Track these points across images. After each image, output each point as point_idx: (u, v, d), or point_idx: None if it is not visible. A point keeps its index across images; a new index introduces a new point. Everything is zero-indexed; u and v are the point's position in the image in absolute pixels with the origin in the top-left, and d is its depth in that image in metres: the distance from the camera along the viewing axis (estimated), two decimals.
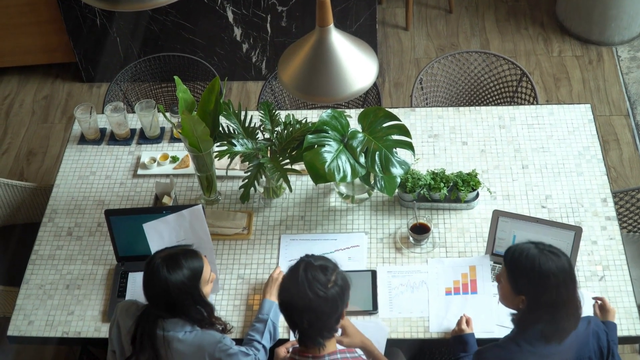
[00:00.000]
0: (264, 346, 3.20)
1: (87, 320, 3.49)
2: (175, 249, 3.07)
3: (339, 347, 2.80)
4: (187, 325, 3.03)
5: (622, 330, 3.31)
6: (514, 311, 2.92)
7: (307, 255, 2.77)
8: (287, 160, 3.56)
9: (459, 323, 3.27)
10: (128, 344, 3.08)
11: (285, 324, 3.16)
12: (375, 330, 3.33)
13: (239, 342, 3.27)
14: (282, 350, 3.23)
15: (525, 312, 2.83)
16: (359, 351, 2.88)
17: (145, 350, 3.01)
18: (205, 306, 3.06)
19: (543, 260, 2.75)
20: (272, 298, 3.33)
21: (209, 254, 3.42)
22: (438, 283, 3.49)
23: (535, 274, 2.75)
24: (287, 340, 3.32)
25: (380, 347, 3.28)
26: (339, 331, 2.94)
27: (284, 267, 3.56)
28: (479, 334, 3.26)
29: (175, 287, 2.94)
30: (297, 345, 2.79)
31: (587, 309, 3.26)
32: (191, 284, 2.99)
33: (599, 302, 3.25)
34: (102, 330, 3.43)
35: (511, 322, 2.92)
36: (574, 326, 2.80)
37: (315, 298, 2.63)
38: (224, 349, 3.04)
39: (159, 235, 3.42)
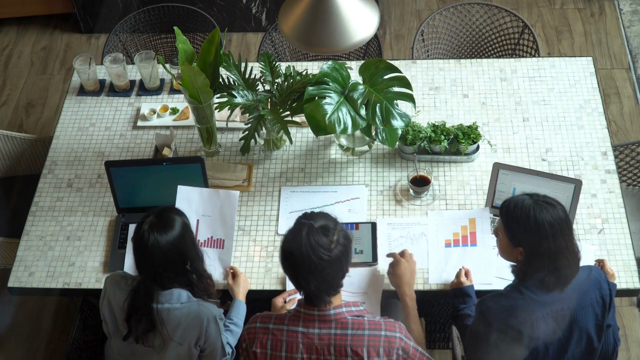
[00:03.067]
0: (233, 351, 3.20)
1: (88, 271, 3.50)
2: (159, 208, 3.01)
3: (344, 300, 2.81)
4: (182, 295, 3.01)
5: (621, 283, 3.33)
6: (514, 263, 2.93)
7: (306, 216, 2.72)
8: (288, 112, 3.55)
9: (458, 275, 3.29)
10: (122, 319, 3.07)
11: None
12: (372, 280, 3.34)
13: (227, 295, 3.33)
14: (279, 301, 3.25)
15: (524, 263, 2.84)
16: (362, 305, 2.89)
17: (141, 324, 3.00)
18: (197, 260, 3.05)
19: (538, 210, 2.75)
20: (244, 297, 3.32)
21: (227, 241, 3.44)
22: (437, 235, 3.49)
23: (531, 224, 2.75)
24: (282, 290, 3.35)
25: (377, 295, 3.30)
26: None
27: (283, 220, 3.58)
28: (477, 286, 3.28)
29: (169, 244, 2.90)
30: (302, 299, 2.79)
31: (587, 261, 3.28)
32: (183, 240, 2.95)
33: (600, 264, 3.26)
34: (103, 281, 3.44)
35: (511, 274, 2.94)
36: (573, 274, 2.82)
37: (320, 262, 2.61)
38: (218, 328, 3.06)
39: (188, 201, 3.45)
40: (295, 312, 2.78)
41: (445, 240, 3.47)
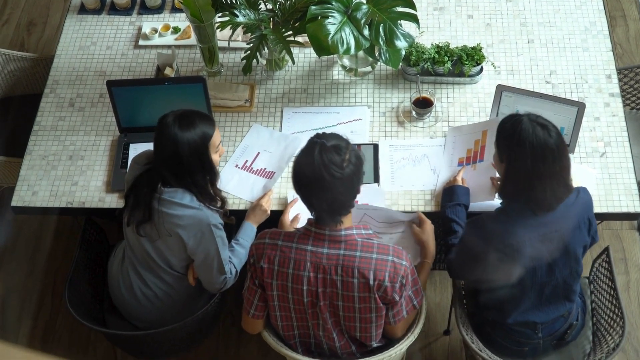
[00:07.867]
0: (237, 272, 3.21)
1: (90, 190, 3.51)
2: (188, 110, 3.04)
3: (354, 222, 2.81)
4: (185, 196, 3.03)
5: (622, 207, 3.35)
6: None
7: (318, 135, 2.72)
8: (290, 32, 3.52)
9: (456, 174, 3.32)
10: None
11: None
12: (374, 194, 3.34)
13: (233, 212, 3.34)
14: (286, 218, 3.29)
15: (504, 179, 2.86)
16: (372, 229, 2.89)
17: (139, 208, 3.04)
18: (210, 171, 3.06)
19: (525, 128, 2.74)
20: (255, 223, 3.34)
21: (277, 173, 3.48)
22: (453, 153, 3.48)
23: (514, 140, 2.76)
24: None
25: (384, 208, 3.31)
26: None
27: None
28: (478, 207, 3.30)
29: (185, 144, 2.93)
30: (312, 218, 2.81)
31: (590, 184, 3.29)
32: (202, 143, 2.97)
33: None
34: (106, 201, 3.47)
35: (498, 196, 2.96)
36: (559, 200, 2.82)
37: (331, 180, 2.62)
38: (213, 235, 3.08)
39: (257, 136, 3.59)
40: (306, 231, 2.80)
41: (459, 159, 3.45)
